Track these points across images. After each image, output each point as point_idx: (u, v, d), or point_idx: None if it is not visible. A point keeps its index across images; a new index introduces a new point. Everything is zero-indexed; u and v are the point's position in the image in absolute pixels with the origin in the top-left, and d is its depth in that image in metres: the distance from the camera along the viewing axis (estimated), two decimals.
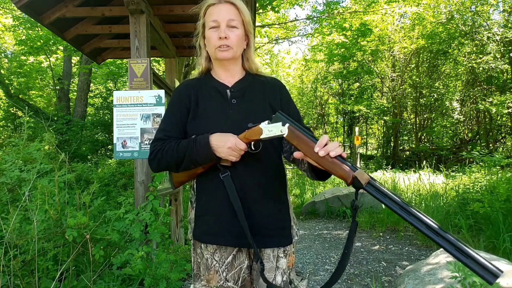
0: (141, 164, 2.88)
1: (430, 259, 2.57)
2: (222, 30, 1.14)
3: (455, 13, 11.67)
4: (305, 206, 6.07)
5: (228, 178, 1.13)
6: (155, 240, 2.50)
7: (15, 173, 2.37)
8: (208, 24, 1.17)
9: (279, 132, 1.06)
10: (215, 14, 1.16)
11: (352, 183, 0.93)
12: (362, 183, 0.91)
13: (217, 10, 1.16)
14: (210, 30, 1.17)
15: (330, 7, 10.95)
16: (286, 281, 1.22)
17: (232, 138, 1.09)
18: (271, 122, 1.08)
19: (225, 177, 1.13)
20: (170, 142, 1.17)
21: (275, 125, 1.07)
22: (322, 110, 20.61)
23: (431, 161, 10.26)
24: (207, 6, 1.19)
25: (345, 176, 0.94)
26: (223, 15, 1.15)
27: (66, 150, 6.59)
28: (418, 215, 0.83)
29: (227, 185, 1.13)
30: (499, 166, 5.49)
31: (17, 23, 9.82)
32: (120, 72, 11.24)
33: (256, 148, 1.14)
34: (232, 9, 1.16)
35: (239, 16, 1.17)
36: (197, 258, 1.24)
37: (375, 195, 0.90)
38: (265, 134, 1.08)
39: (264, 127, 1.08)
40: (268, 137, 1.09)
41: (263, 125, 1.08)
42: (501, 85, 11.52)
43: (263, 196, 1.18)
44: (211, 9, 1.17)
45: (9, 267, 1.87)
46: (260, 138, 1.09)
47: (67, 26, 3.53)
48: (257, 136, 1.09)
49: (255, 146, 1.14)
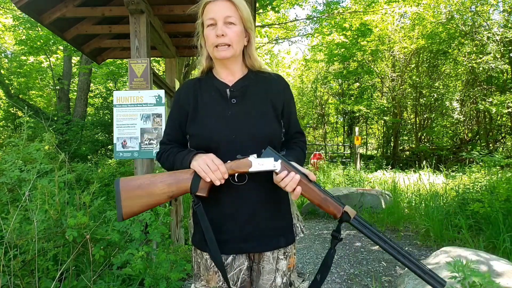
0: (141, 164, 2.88)
1: (430, 259, 2.57)
2: (219, 28, 1.12)
3: (455, 13, 11.66)
4: (305, 206, 6.07)
5: (200, 209, 1.11)
6: (155, 240, 2.50)
7: (15, 173, 2.37)
8: (206, 22, 1.16)
9: (271, 167, 1.08)
10: (212, 12, 1.14)
11: (341, 217, 1.09)
12: (350, 217, 1.08)
13: (214, 8, 1.14)
14: (208, 28, 1.15)
15: (330, 7, 10.94)
16: (286, 283, 1.22)
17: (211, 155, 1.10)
18: (261, 157, 1.09)
19: (198, 208, 1.11)
20: (172, 149, 1.21)
21: (267, 160, 1.08)
22: (322, 110, 20.61)
23: (431, 161, 10.26)
24: (204, 4, 1.17)
25: (335, 211, 1.09)
26: (220, 12, 1.13)
27: (66, 150, 6.59)
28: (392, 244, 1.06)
29: (199, 215, 1.10)
30: (499, 166, 5.49)
31: (17, 23, 9.81)
32: (120, 72, 11.23)
33: (240, 180, 1.12)
34: (228, 5, 1.14)
35: (237, 12, 1.15)
36: (197, 258, 1.24)
37: (359, 227, 1.09)
38: (255, 168, 1.08)
39: (253, 160, 1.08)
40: (257, 171, 1.09)
41: (252, 158, 1.08)
42: (501, 85, 11.52)
43: (264, 198, 1.18)
44: (208, 7, 1.15)
45: (9, 267, 1.87)
46: (248, 171, 1.09)
47: (67, 26, 3.53)
48: (245, 169, 1.09)
49: (239, 178, 1.12)
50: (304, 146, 1.30)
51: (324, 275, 1.15)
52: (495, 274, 2.09)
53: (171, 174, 1.12)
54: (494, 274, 2.09)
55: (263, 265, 1.20)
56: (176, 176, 1.11)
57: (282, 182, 1.08)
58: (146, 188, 1.09)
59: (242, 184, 1.12)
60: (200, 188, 1.09)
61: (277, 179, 1.09)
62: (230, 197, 1.15)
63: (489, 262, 2.23)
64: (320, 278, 1.15)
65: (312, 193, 1.10)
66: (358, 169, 10.24)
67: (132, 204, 1.08)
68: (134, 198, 1.08)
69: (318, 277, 1.15)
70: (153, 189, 1.09)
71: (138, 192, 1.08)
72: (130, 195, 1.08)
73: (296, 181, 1.08)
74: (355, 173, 8.82)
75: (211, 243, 1.09)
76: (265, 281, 1.19)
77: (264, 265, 1.20)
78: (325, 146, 20.17)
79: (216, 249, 1.09)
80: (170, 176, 1.11)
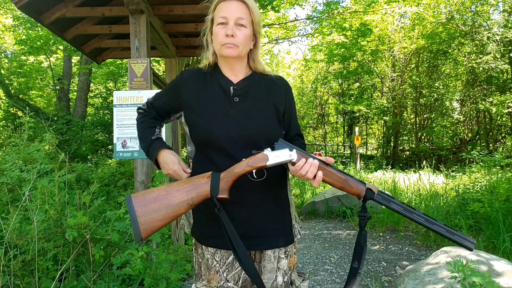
0: (141, 164, 2.88)
1: (430, 259, 2.57)
2: (230, 28, 1.12)
3: (455, 13, 11.66)
4: (305, 206, 6.07)
5: (224, 215, 1.07)
6: (155, 240, 2.50)
7: (15, 173, 2.37)
8: (217, 19, 1.15)
9: (288, 158, 1.06)
10: (225, 11, 1.14)
11: (365, 196, 1.07)
12: (374, 193, 1.07)
13: (227, 7, 1.14)
14: (218, 26, 1.15)
15: (330, 7, 10.94)
16: (287, 282, 1.22)
17: (176, 166, 1.18)
18: (275, 149, 1.08)
19: (222, 214, 1.07)
20: (146, 119, 1.29)
21: (282, 151, 1.06)
22: (322, 110, 20.63)
23: (431, 161, 10.25)
24: (217, 1, 1.16)
25: (359, 191, 1.07)
26: (233, 12, 1.13)
27: (66, 150, 6.59)
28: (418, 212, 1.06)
29: (224, 221, 1.06)
30: (499, 166, 5.49)
31: (17, 23, 9.83)
32: (120, 72, 11.23)
33: (259, 176, 1.10)
34: (242, 7, 1.14)
35: (249, 16, 1.15)
36: (198, 258, 1.24)
37: (384, 202, 1.08)
38: (272, 160, 1.06)
39: (269, 153, 1.06)
40: (274, 163, 1.06)
41: (267, 151, 1.06)
42: (501, 85, 11.53)
43: (264, 197, 1.18)
44: (222, 4, 1.15)
45: (9, 267, 1.87)
46: (266, 165, 1.06)
47: (67, 26, 3.53)
48: (263, 163, 1.05)
49: (258, 174, 1.10)
50: (304, 148, 1.31)
51: (361, 260, 1.09)
52: (495, 274, 2.09)
53: (187, 181, 1.07)
54: (494, 274, 2.09)
55: (264, 264, 1.20)
56: (193, 182, 1.06)
57: (302, 169, 1.05)
58: (163, 199, 1.01)
59: (261, 179, 1.11)
60: (221, 190, 1.06)
61: (296, 168, 1.05)
62: (230, 196, 1.15)
63: (489, 262, 2.23)
64: (358, 264, 1.10)
65: (333, 176, 1.08)
66: (358, 169, 10.25)
67: (150, 220, 0.99)
68: (151, 213, 1.00)
69: (356, 264, 1.10)
70: (171, 199, 1.02)
71: (154, 206, 1.00)
72: (146, 210, 1.00)
73: (316, 165, 1.06)
74: (355, 173, 8.82)
75: (238, 247, 1.05)
76: (266, 280, 1.20)
77: (265, 264, 1.20)
78: (325, 146, 20.18)
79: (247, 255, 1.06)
80: (186, 183, 1.06)
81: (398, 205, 1.06)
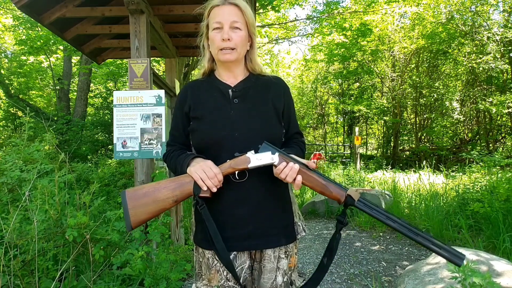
0: (141, 164, 2.88)
1: (430, 259, 2.57)
2: (225, 32, 1.15)
3: (455, 13, 11.66)
4: (305, 206, 6.07)
5: (205, 211, 1.12)
6: (155, 240, 2.50)
7: (15, 173, 2.38)
8: (212, 25, 1.18)
9: (269, 161, 1.10)
10: (219, 16, 1.16)
11: (345, 202, 1.09)
12: (354, 200, 1.07)
13: (221, 12, 1.16)
14: (214, 31, 1.17)
15: (330, 7, 10.95)
16: (286, 282, 1.22)
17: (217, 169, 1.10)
18: (258, 152, 1.11)
19: (203, 210, 1.12)
20: (175, 151, 1.26)
21: (264, 154, 1.10)
22: (322, 110, 20.63)
23: (431, 161, 10.25)
24: (211, 7, 1.19)
25: (338, 196, 1.09)
26: (227, 16, 1.15)
27: (66, 150, 6.59)
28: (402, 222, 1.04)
29: (205, 217, 1.12)
30: (499, 166, 5.48)
31: (17, 23, 9.83)
32: (120, 72, 11.24)
33: (241, 177, 1.14)
34: (235, 10, 1.17)
35: (243, 18, 1.18)
36: (199, 257, 1.24)
37: (364, 209, 1.08)
38: (254, 163, 1.10)
39: (251, 156, 1.10)
40: (256, 166, 1.10)
41: (250, 154, 1.10)
42: (501, 85, 11.53)
43: (265, 196, 1.19)
44: (215, 10, 1.18)
45: (9, 267, 1.87)
46: (247, 167, 1.10)
47: (67, 26, 3.53)
48: (244, 165, 1.10)
49: (240, 176, 1.14)
50: (303, 146, 1.33)
51: (330, 259, 1.17)
52: (495, 274, 2.10)
53: (173, 180, 1.14)
54: (494, 274, 2.09)
55: (264, 264, 1.21)
56: (178, 181, 1.13)
57: (282, 173, 1.09)
58: (152, 195, 1.11)
59: (243, 181, 1.14)
60: (202, 190, 1.10)
61: (277, 171, 1.10)
62: (231, 195, 1.16)
63: (489, 262, 2.23)
64: (327, 262, 1.17)
65: (313, 181, 1.11)
66: (358, 169, 10.24)
67: (139, 213, 1.11)
68: (141, 207, 1.11)
69: (325, 261, 1.17)
70: (157, 195, 1.11)
71: (144, 200, 1.11)
72: (136, 204, 1.11)
73: (296, 170, 1.09)
74: (355, 173, 8.82)
75: (217, 242, 1.11)
76: (266, 280, 1.20)
77: (265, 263, 1.20)
78: (325, 146, 20.18)
79: (224, 249, 1.11)
80: (173, 181, 1.13)
81: (380, 213, 1.06)
